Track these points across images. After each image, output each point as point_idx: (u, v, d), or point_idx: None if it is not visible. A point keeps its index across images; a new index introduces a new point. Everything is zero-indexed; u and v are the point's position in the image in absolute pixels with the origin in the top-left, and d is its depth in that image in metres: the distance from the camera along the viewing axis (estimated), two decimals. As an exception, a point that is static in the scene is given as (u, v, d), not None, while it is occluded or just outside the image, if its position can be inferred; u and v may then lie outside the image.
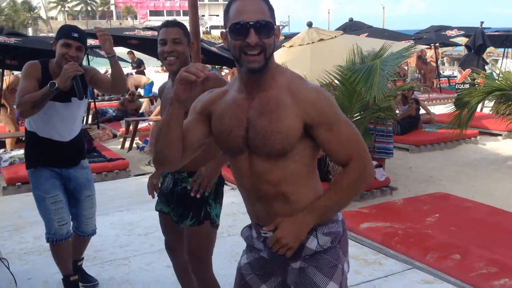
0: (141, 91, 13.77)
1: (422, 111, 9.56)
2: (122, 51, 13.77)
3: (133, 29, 9.48)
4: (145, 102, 12.61)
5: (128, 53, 15.84)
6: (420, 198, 5.47)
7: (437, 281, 3.64)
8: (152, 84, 13.97)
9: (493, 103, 7.62)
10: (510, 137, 9.45)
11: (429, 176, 7.12)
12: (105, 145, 9.04)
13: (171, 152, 1.82)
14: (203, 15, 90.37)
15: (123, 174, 7.26)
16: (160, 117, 3.24)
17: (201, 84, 1.74)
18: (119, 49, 12.62)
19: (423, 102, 10.31)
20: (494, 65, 15.05)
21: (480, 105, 9.08)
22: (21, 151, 7.30)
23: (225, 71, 16.47)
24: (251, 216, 1.95)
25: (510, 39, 14.81)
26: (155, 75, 20.02)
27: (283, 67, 1.87)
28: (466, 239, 4.24)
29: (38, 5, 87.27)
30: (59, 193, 3.28)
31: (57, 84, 3.03)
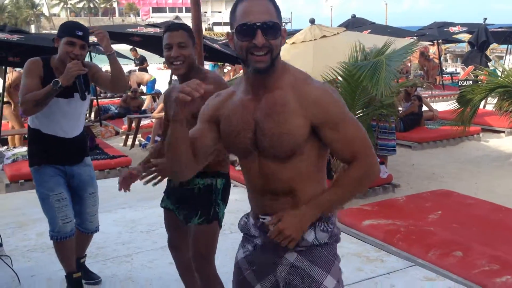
0: (143, 88, 13.76)
1: (424, 108, 9.54)
2: (124, 48, 13.78)
3: (135, 26, 9.47)
4: (147, 99, 12.62)
5: (130, 50, 15.83)
6: (423, 195, 5.47)
7: (439, 278, 3.64)
8: (154, 81, 13.95)
9: (496, 100, 7.61)
10: (513, 134, 9.44)
11: (431, 173, 7.12)
12: (107, 142, 9.06)
13: (182, 167, 1.86)
14: (206, 12, 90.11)
15: (126, 171, 7.26)
16: (163, 113, 3.24)
17: (200, 100, 1.72)
18: (122, 46, 12.65)
19: (425, 99, 10.30)
20: (497, 61, 15.02)
21: (483, 102, 9.05)
22: (24, 148, 7.32)
23: (227, 68, 16.46)
24: (254, 209, 1.95)
25: (513, 35, 14.75)
26: (157, 72, 20.00)
27: (289, 65, 1.86)
28: (468, 236, 4.24)
29: (41, 2, 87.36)
30: (63, 191, 3.29)
31: (60, 82, 3.04)
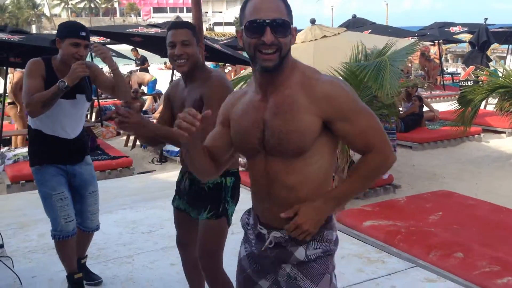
0: (144, 89, 13.77)
1: (425, 108, 9.53)
2: (125, 48, 13.78)
3: (136, 26, 9.44)
4: (148, 99, 12.62)
5: (131, 50, 15.85)
6: (423, 196, 5.47)
7: (440, 279, 3.64)
8: (155, 81, 13.96)
9: (497, 100, 7.61)
10: (514, 134, 9.44)
11: (432, 174, 7.12)
12: (108, 142, 9.08)
13: (206, 175, 1.99)
14: (206, 12, 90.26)
15: (127, 172, 7.29)
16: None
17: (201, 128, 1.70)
18: (123, 46, 12.66)
19: (426, 100, 10.29)
20: (498, 62, 15.00)
21: (483, 102, 9.05)
22: (25, 149, 7.32)
23: (228, 68, 16.46)
24: (256, 210, 1.94)
25: (514, 35, 14.74)
26: (158, 72, 20.02)
27: (298, 62, 1.84)
28: (469, 237, 4.24)
29: (42, 2, 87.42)
30: (64, 190, 3.30)
31: (66, 82, 3.06)
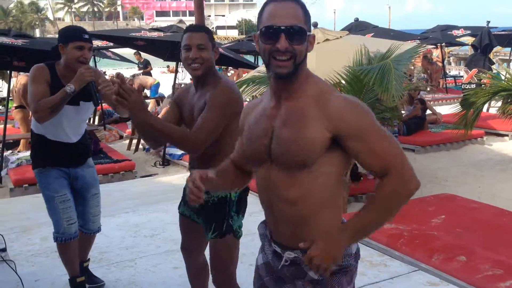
0: (147, 92, 13.80)
1: (428, 111, 9.52)
2: (128, 51, 13.84)
3: (139, 30, 9.48)
4: (151, 103, 12.64)
5: (134, 54, 15.91)
6: (426, 199, 5.45)
7: (443, 283, 3.63)
8: (158, 85, 14.00)
9: (499, 103, 7.60)
10: (516, 137, 9.41)
11: (435, 177, 7.10)
12: (111, 146, 9.09)
13: (237, 185, 2.11)
14: (209, 16, 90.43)
15: (129, 176, 7.28)
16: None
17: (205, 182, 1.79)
18: (126, 50, 12.72)
19: (429, 102, 10.28)
20: (500, 64, 14.99)
21: (486, 105, 9.03)
22: (28, 153, 7.33)
23: (230, 71, 16.50)
24: (268, 223, 1.92)
25: (517, 38, 14.75)
26: (161, 76, 20.08)
27: (315, 75, 1.78)
28: (472, 240, 4.23)
29: (45, 6, 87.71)
30: (67, 192, 3.32)
31: (74, 87, 3.07)
